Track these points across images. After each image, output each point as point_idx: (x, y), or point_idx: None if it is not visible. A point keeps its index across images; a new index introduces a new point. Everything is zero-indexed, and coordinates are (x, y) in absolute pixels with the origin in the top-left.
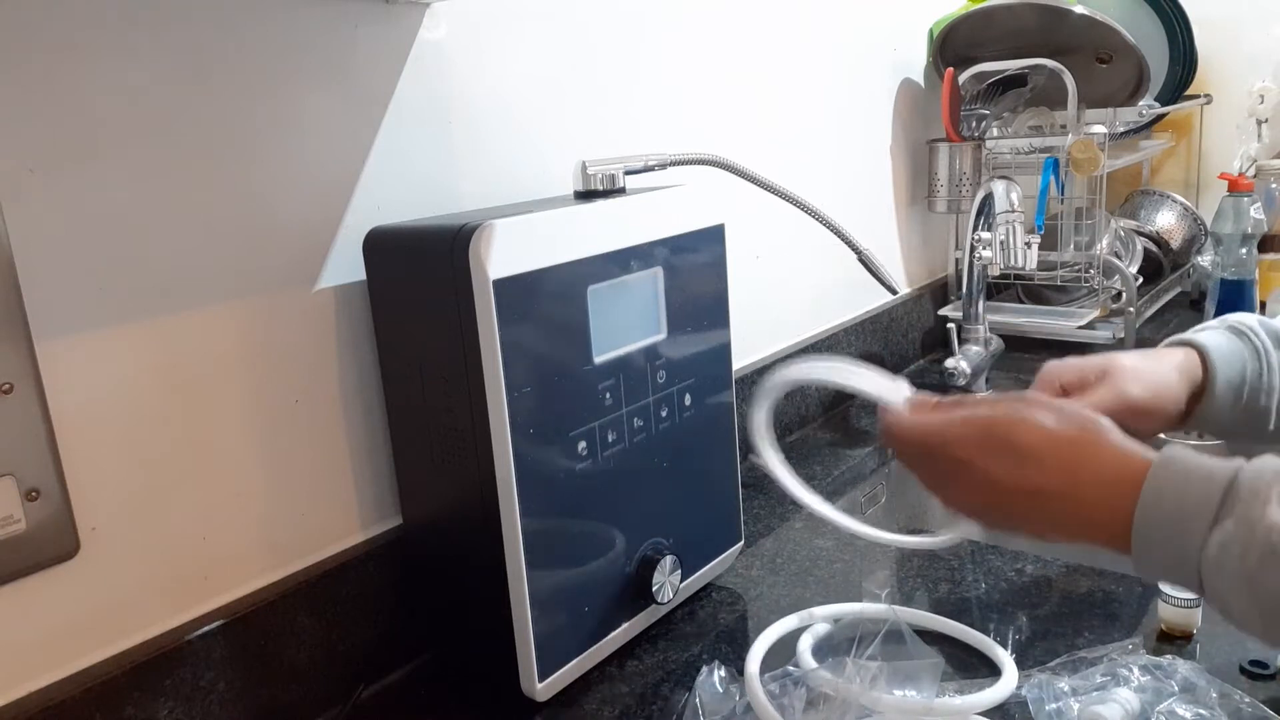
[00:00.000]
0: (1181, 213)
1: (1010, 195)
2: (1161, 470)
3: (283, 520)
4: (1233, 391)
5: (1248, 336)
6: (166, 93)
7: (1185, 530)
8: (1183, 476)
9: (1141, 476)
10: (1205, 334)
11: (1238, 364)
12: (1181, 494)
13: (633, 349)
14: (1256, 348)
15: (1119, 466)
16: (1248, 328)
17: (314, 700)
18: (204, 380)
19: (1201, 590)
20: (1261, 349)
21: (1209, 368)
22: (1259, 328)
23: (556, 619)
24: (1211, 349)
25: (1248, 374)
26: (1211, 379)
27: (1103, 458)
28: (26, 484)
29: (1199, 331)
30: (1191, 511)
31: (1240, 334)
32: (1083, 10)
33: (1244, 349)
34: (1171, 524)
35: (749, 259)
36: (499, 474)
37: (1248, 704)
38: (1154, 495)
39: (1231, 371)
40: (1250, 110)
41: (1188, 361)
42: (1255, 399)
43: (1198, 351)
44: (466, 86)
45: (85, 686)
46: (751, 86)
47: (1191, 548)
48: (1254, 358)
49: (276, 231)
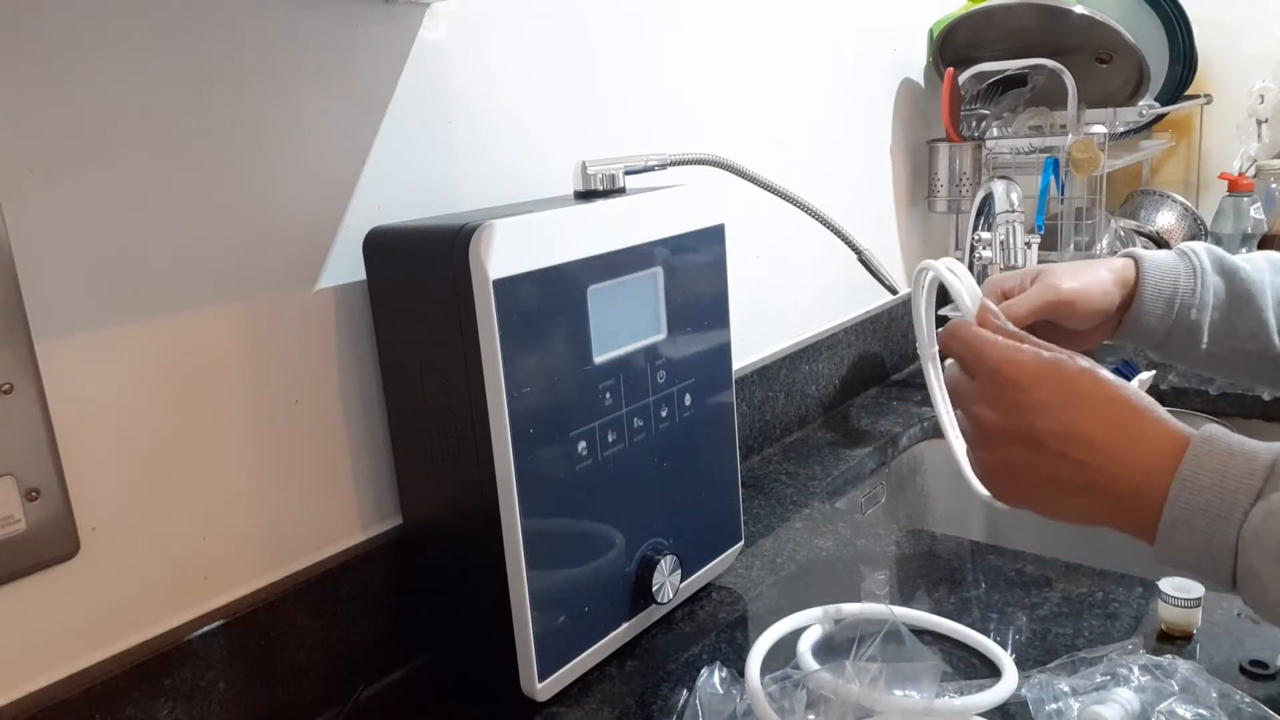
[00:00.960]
0: (1181, 213)
1: (1010, 195)
2: (1203, 446)
3: (283, 520)
4: (1163, 301)
5: (1188, 256)
6: (166, 93)
7: (1224, 507)
8: (1225, 452)
9: (1183, 449)
10: (1150, 250)
11: (1170, 276)
12: (1222, 471)
13: (633, 349)
14: (1194, 265)
15: (1163, 438)
16: (1190, 250)
17: (314, 700)
18: (204, 380)
19: (1229, 573)
20: (1199, 268)
21: (1141, 273)
22: (1202, 251)
23: (556, 619)
24: (1146, 258)
25: (1180, 287)
26: (1142, 285)
27: (1151, 425)
28: (26, 484)
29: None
30: (1233, 486)
31: (1182, 254)
32: (1083, 10)
33: (1180, 264)
34: (1209, 500)
35: (749, 259)
36: (499, 474)
37: (1248, 704)
38: (1193, 470)
39: (1163, 282)
40: (1250, 110)
41: (1123, 266)
42: (1185, 312)
43: (1134, 260)
44: (466, 86)
45: (85, 686)
46: (751, 86)
47: (1229, 525)
48: (1189, 274)
49: (276, 231)
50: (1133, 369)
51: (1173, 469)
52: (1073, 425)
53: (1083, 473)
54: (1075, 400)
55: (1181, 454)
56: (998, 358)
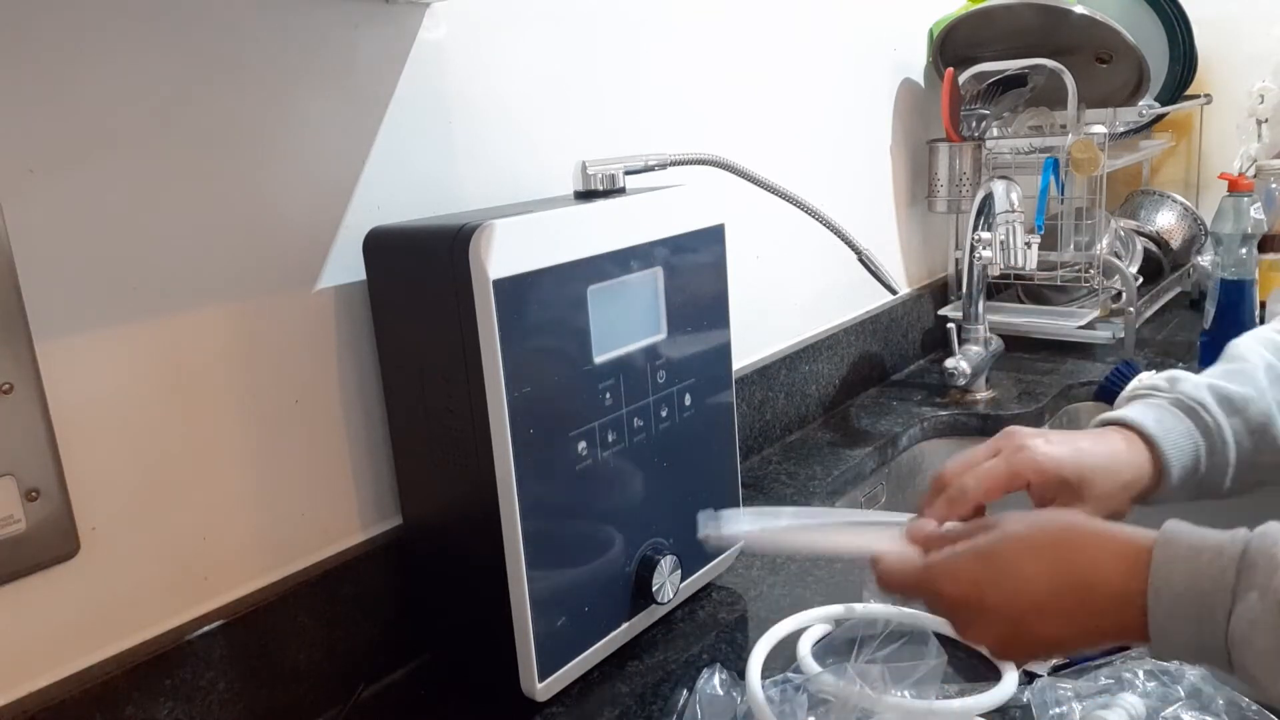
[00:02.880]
0: (1181, 213)
1: (1010, 195)
2: (1165, 550)
3: (283, 520)
4: (1187, 476)
5: (1199, 414)
6: (166, 93)
7: (1205, 610)
8: (1190, 554)
9: (1144, 560)
10: (1151, 415)
11: (1190, 448)
12: (1193, 572)
13: (633, 349)
14: (1209, 426)
15: (1117, 555)
16: (1198, 403)
17: (314, 700)
18: (204, 380)
19: (1229, 667)
20: (1214, 425)
21: (1164, 469)
22: (1209, 400)
23: (556, 619)
24: (1160, 441)
25: (1202, 459)
26: (1166, 476)
27: (1095, 549)
28: (26, 484)
29: (1147, 401)
30: (1208, 588)
31: (1192, 413)
32: (1083, 10)
33: (1196, 431)
34: (1189, 605)
35: (749, 259)
36: (499, 474)
37: (1254, 711)
38: (1164, 577)
39: (1185, 459)
40: (1250, 110)
41: (1134, 458)
42: (1213, 477)
43: (1143, 440)
44: (466, 86)
45: (85, 686)
46: (751, 86)
47: (1215, 627)
48: (1207, 437)
49: (276, 231)
50: (1132, 369)
51: (1143, 579)
52: (1020, 600)
53: (1060, 625)
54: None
55: (1145, 564)
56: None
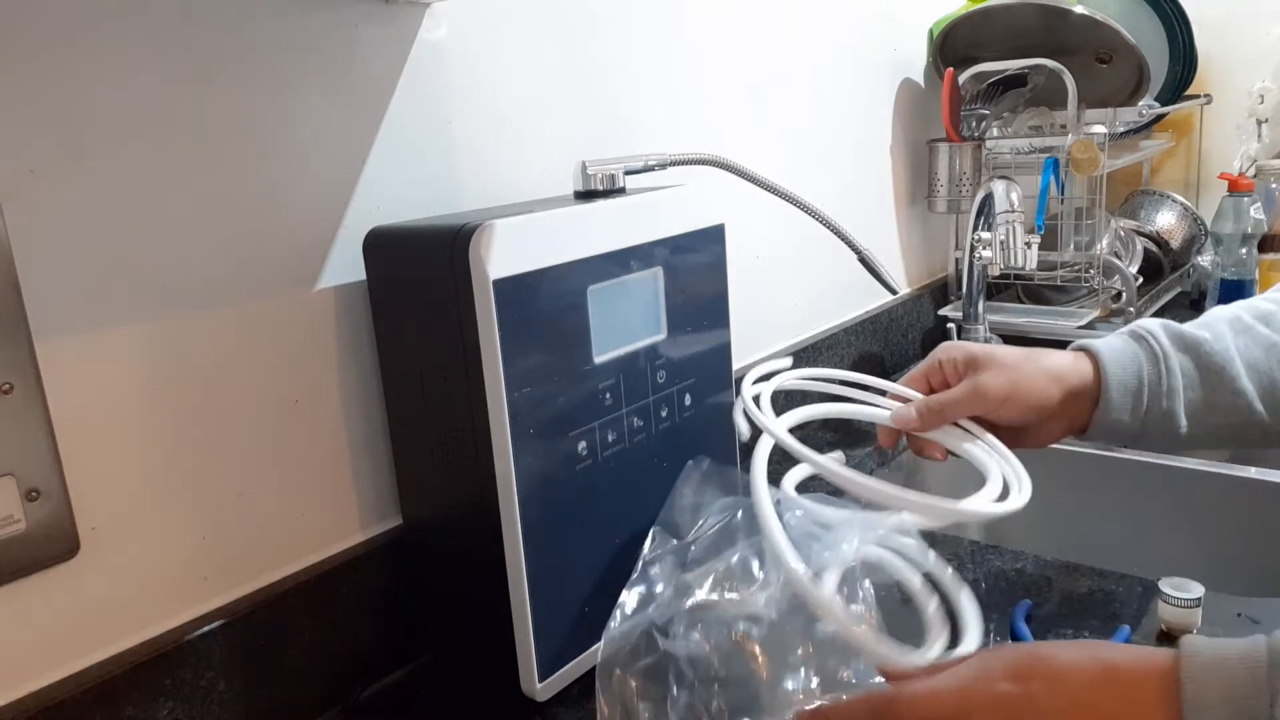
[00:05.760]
0: (1181, 213)
1: (1010, 195)
2: (1192, 663)
3: (282, 520)
4: (1130, 395)
5: (1146, 340)
6: (166, 93)
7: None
8: (1217, 663)
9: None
10: (1102, 339)
11: (1133, 367)
12: (1229, 681)
13: (633, 349)
14: (1155, 350)
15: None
16: (1147, 331)
17: (314, 700)
18: (204, 380)
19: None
20: (1160, 352)
21: (1101, 370)
22: (1159, 331)
23: (556, 619)
24: (1103, 352)
25: (1145, 377)
26: (1105, 382)
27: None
28: (26, 484)
29: (1098, 337)
30: (1246, 692)
31: (1138, 338)
32: (1083, 10)
33: (1140, 352)
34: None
35: (749, 259)
36: (499, 474)
37: None
38: (1198, 693)
39: (1126, 375)
40: (1250, 110)
41: (1072, 362)
42: (1156, 403)
43: (1090, 355)
44: (466, 87)
45: (85, 686)
46: (752, 86)
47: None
48: (1152, 361)
49: (276, 231)
50: None
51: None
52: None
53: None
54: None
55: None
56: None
